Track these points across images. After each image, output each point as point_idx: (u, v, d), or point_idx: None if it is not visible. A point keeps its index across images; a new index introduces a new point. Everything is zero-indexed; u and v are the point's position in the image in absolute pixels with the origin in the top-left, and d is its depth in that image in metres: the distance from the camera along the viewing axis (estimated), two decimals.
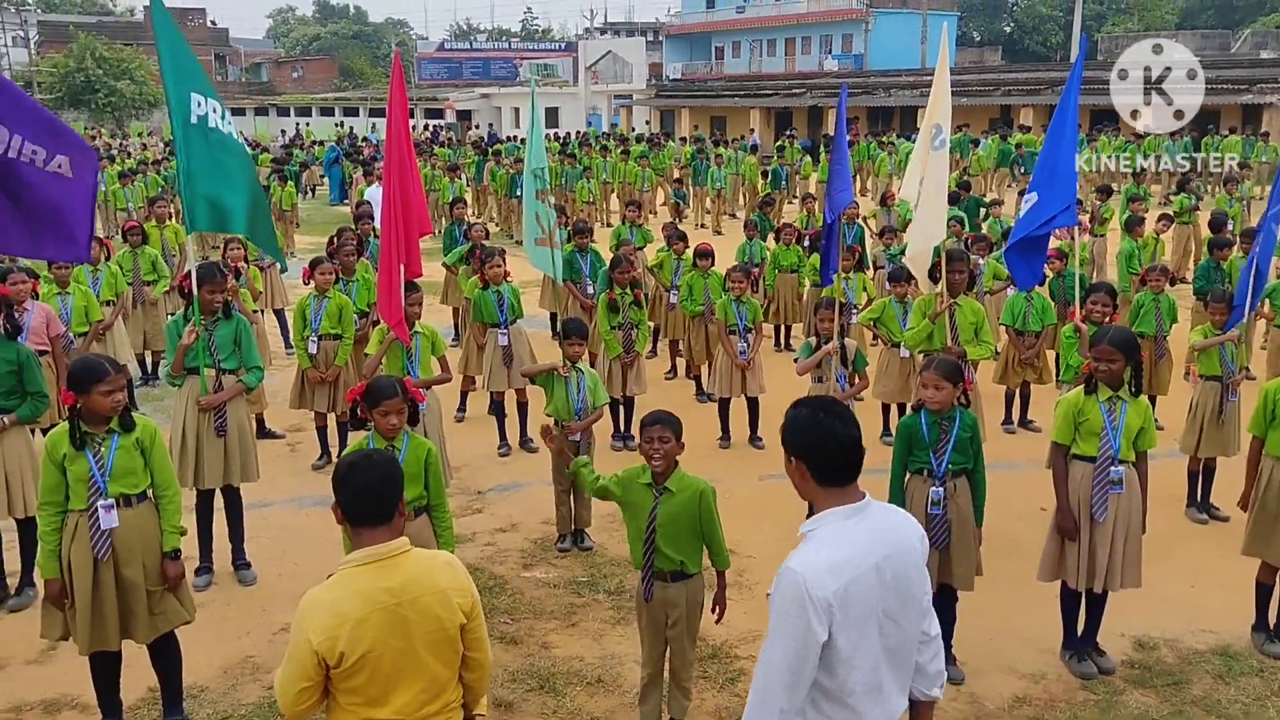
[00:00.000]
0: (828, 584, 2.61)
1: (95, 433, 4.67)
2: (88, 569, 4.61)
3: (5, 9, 52.87)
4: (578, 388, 6.86)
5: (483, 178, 25.52)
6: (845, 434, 2.78)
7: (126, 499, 4.69)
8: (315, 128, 54.94)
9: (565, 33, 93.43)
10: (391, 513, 3.08)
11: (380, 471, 3.11)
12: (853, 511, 2.78)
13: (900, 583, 2.77)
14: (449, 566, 3.14)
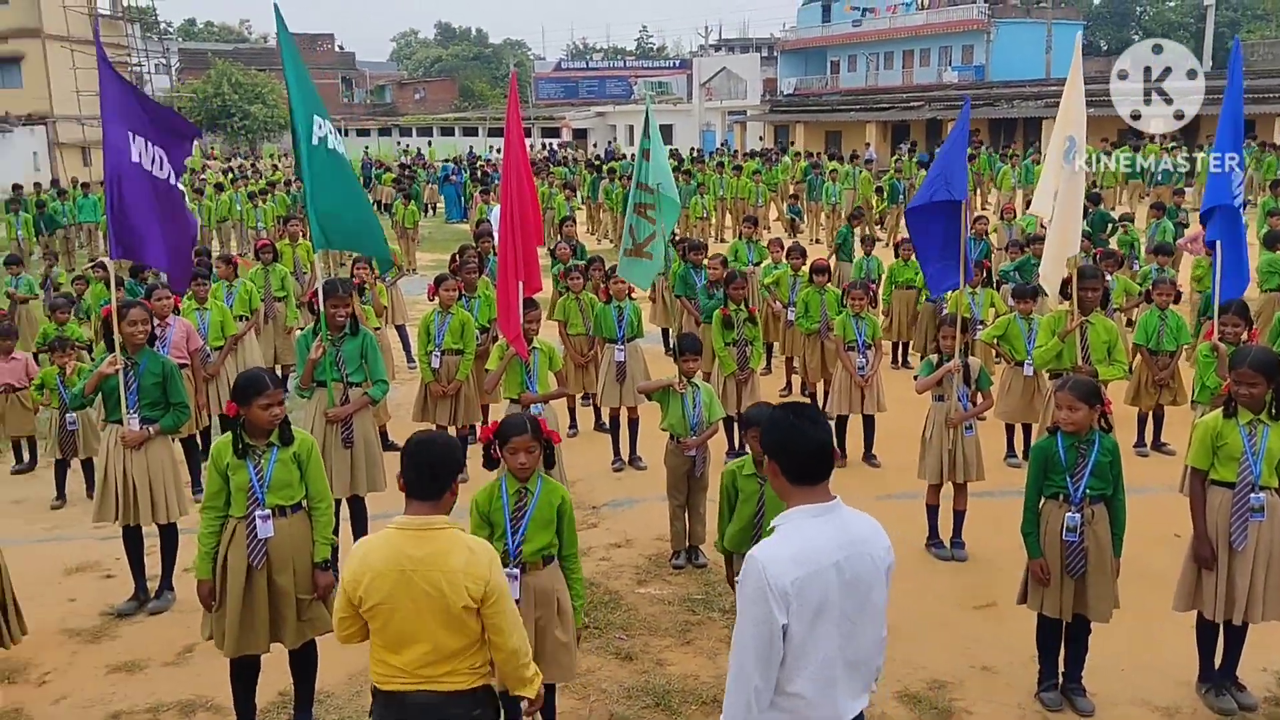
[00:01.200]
0: (787, 572, 2.79)
1: (256, 445, 4.83)
2: (241, 574, 4.77)
3: (149, 38, 55.69)
4: (693, 403, 6.85)
5: (598, 195, 25.78)
6: (814, 437, 2.96)
7: (282, 509, 4.84)
8: (436, 147, 56.36)
9: (680, 50, 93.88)
10: (440, 492, 3.43)
11: (437, 454, 3.46)
12: (820, 510, 2.94)
13: (859, 585, 2.92)
14: (471, 553, 3.36)
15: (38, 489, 8.66)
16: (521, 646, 3.49)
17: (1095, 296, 7.66)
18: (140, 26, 52.16)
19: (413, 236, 21.33)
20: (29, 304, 13.09)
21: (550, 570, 4.65)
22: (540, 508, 4.58)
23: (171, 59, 66.10)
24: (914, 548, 7.16)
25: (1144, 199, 23.77)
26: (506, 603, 3.42)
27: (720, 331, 8.76)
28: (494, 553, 3.47)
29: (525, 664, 3.52)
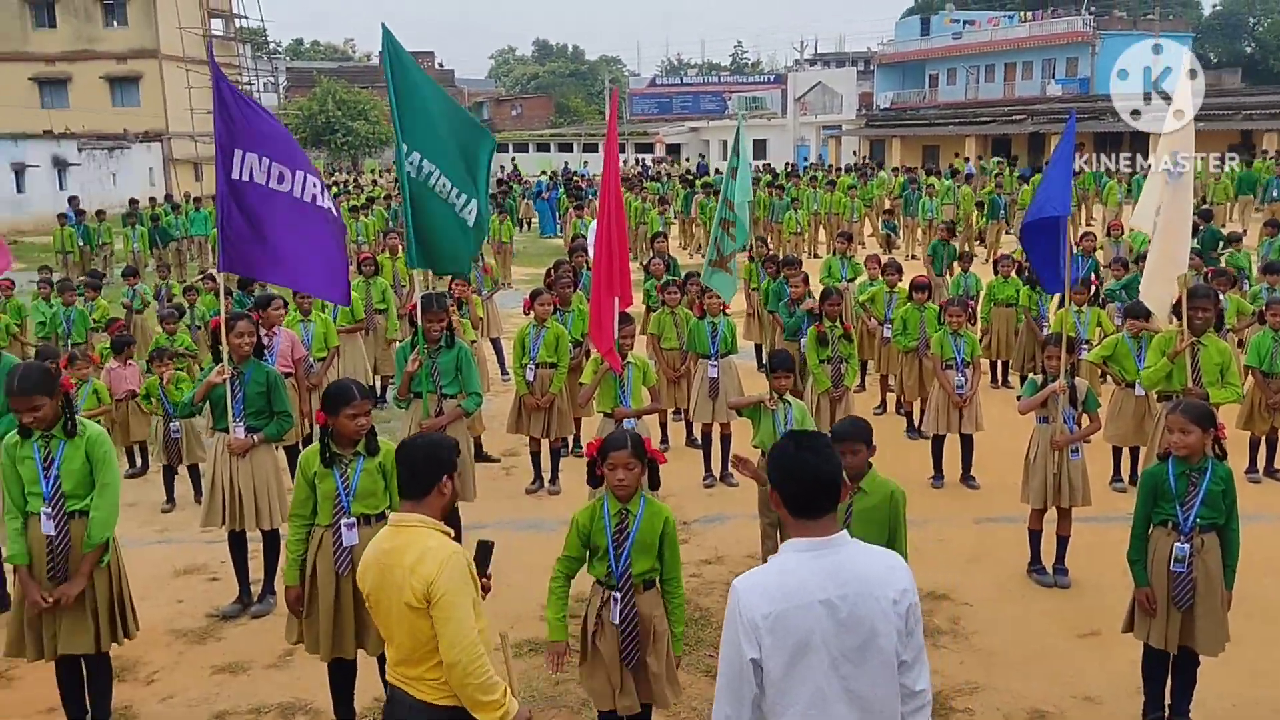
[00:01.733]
0: (758, 606, 2.71)
1: (344, 454, 4.92)
2: (330, 582, 4.89)
3: (260, 57, 57.75)
4: (785, 420, 6.79)
5: (690, 210, 25.82)
6: (819, 469, 2.85)
7: (367, 518, 4.92)
8: (520, 163, 57.12)
9: (774, 65, 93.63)
10: (421, 491, 3.48)
11: (419, 455, 3.53)
12: (814, 545, 2.82)
13: (858, 626, 2.77)
14: (425, 552, 3.36)
15: (149, 493, 8.98)
16: (465, 661, 3.32)
17: (1207, 317, 7.39)
18: (251, 46, 54.10)
19: (508, 251, 21.62)
20: (144, 314, 13.61)
21: (651, 595, 4.51)
22: (643, 530, 4.44)
23: (280, 77, 68.29)
24: (1015, 573, 6.98)
25: (1257, 214, 22.89)
26: (453, 610, 3.31)
27: (814, 348, 8.68)
28: (452, 557, 3.36)
29: (476, 684, 3.35)
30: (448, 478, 3.53)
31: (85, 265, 21.72)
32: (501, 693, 3.42)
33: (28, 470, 4.86)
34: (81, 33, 44.30)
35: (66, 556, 4.86)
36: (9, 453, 4.90)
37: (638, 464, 4.42)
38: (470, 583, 3.42)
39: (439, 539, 3.44)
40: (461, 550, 3.45)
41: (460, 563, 3.39)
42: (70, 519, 4.87)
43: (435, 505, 3.50)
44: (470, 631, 3.34)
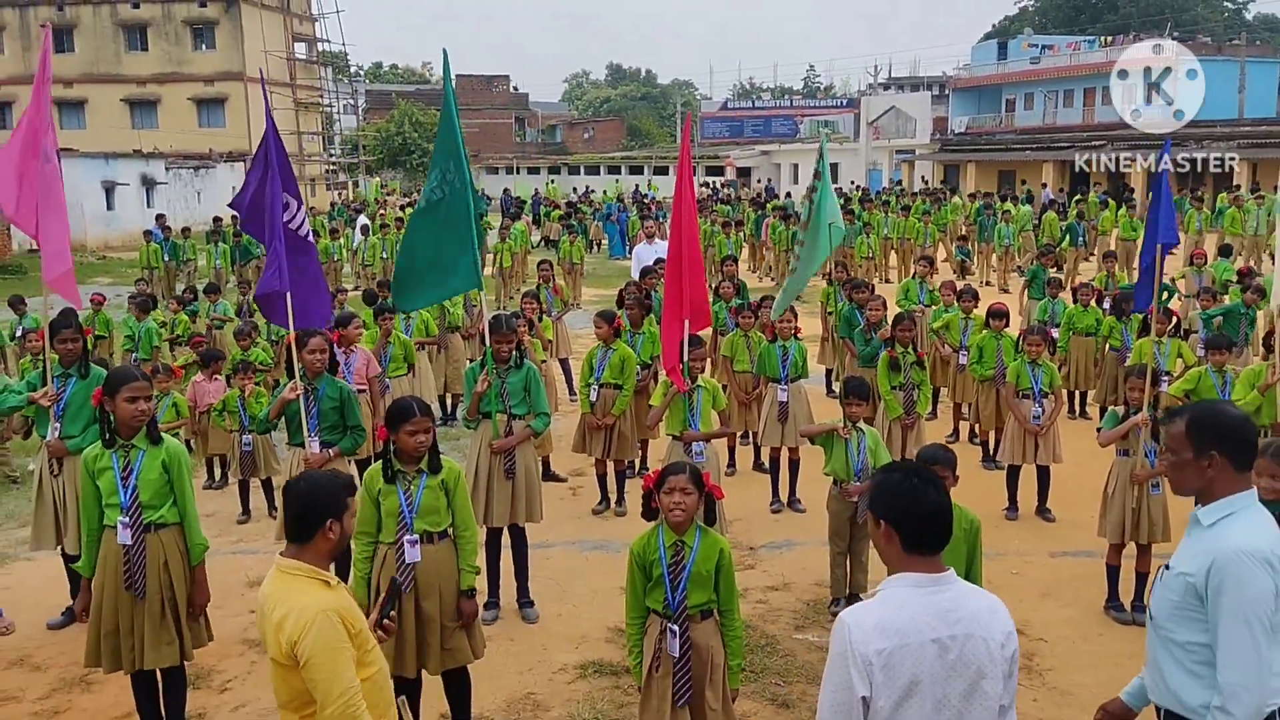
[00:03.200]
0: (872, 641, 2.62)
1: (406, 471, 4.94)
2: None
3: (340, 80, 59.12)
4: (858, 448, 6.71)
5: (761, 233, 25.73)
6: (939, 502, 2.76)
7: (429, 536, 4.93)
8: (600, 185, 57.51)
9: (847, 89, 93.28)
10: (304, 535, 3.36)
11: (301, 497, 3.39)
12: (926, 581, 2.73)
13: (965, 669, 2.68)
14: (289, 614, 3.23)
15: (227, 504, 9.17)
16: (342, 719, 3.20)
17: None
18: (333, 70, 55.37)
19: (578, 272, 21.75)
20: (224, 330, 13.94)
21: (708, 625, 4.47)
22: (699, 562, 4.40)
23: (359, 100, 69.82)
24: (1092, 609, 6.79)
25: None
26: (320, 671, 3.19)
27: (886, 374, 8.57)
28: (318, 618, 3.21)
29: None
30: (334, 521, 3.37)
31: (170, 281, 22.37)
32: None
33: (106, 482, 4.98)
34: (171, 56, 45.82)
35: (143, 567, 4.96)
36: (88, 466, 5.02)
37: (695, 491, 4.38)
38: (343, 640, 3.25)
39: (311, 595, 3.28)
40: (332, 607, 3.26)
41: (327, 622, 3.22)
42: (146, 530, 4.98)
43: (322, 549, 3.37)
44: (343, 691, 3.21)
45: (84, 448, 5.57)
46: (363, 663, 3.36)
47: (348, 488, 3.52)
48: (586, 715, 5.56)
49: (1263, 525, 3.00)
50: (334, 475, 3.55)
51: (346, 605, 3.37)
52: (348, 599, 3.42)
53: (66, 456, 6.54)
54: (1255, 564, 2.89)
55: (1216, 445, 3.03)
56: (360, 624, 3.39)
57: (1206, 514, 3.06)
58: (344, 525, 3.42)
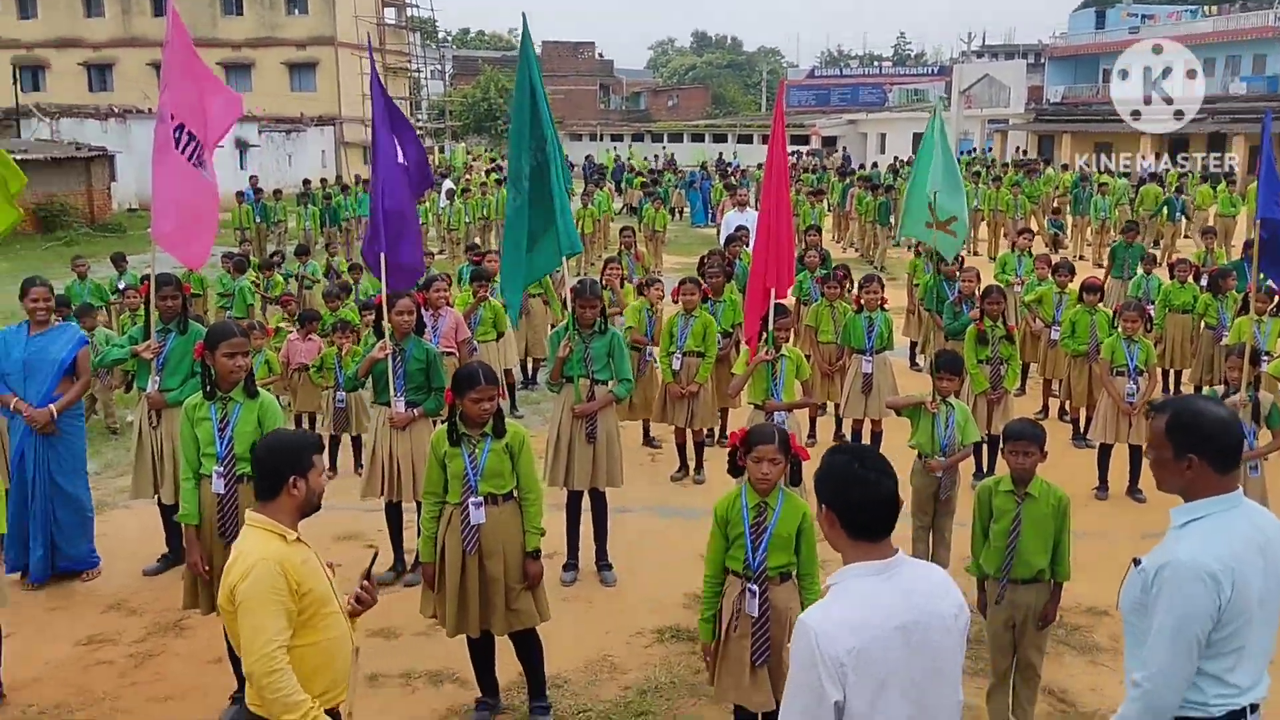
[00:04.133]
0: (841, 641, 2.50)
1: (471, 434, 4.97)
2: (458, 559, 4.96)
3: (428, 45, 59.68)
4: (946, 423, 6.59)
5: (846, 203, 25.38)
6: (883, 487, 2.67)
7: (494, 498, 4.96)
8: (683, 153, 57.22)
9: (939, 57, 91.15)
10: (268, 492, 3.43)
11: (267, 454, 3.49)
12: (881, 568, 2.64)
13: (927, 649, 2.61)
14: (238, 558, 3.33)
15: None
16: (257, 674, 3.23)
17: None
18: (421, 35, 55.82)
19: (660, 239, 21.71)
20: (313, 290, 14.22)
21: (787, 588, 4.50)
22: (781, 525, 4.43)
23: (446, 65, 70.36)
24: None
25: None
26: (247, 618, 3.24)
27: (973, 348, 8.40)
28: (259, 564, 3.26)
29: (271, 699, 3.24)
30: (297, 477, 3.41)
31: (261, 242, 22.89)
32: (302, 713, 3.25)
33: (204, 432, 5.15)
34: (265, 20, 46.60)
35: (235, 516, 5.10)
36: (189, 415, 5.22)
37: (782, 459, 4.41)
38: (279, 591, 3.25)
39: (260, 542, 3.33)
40: (276, 558, 3.28)
41: (265, 570, 3.24)
42: (239, 481, 5.12)
43: (287, 505, 3.42)
44: (264, 644, 3.21)
45: (182, 400, 5.75)
46: (311, 626, 3.36)
47: (312, 446, 3.56)
48: (663, 679, 5.59)
49: (1227, 534, 2.90)
50: (300, 434, 3.63)
51: (298, 562, 3.35)
52: (302, 557, 3.39)
53: (165, 409, 6.74)
54: (1197, 578, 2.82)
55: (1195, 449, 2.94)
56: (314, 585, 3.36)
57: (1179, 513, 3.01)
58: (309, 482, 3.45)
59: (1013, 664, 5.03)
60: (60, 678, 5.66)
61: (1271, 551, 2.93)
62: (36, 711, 5.30)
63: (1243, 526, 2.94)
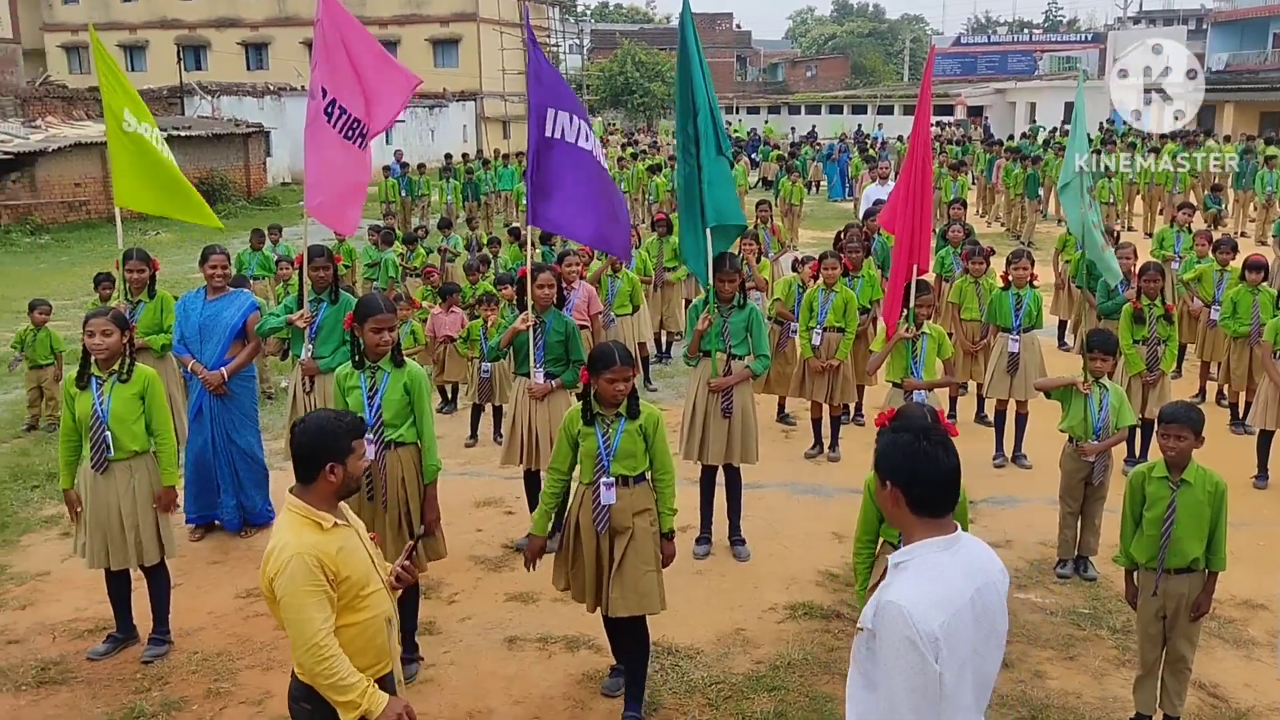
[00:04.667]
0: (933, 617, 2.52)
1: (605, 414, 4.91)
2: (591, 537, 4.93)
3: (567, 19, 60.18)
4: (1099, 405, 6.34)
5: (992, 176, 24.57)
6: (947, 463, 2.69)
7: (625, 479, 4.91)
8: (822, 125, 56.30)
9: (1093, 23, 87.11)
10: (306, 477, 3.46)
11: (306, 440, 3.48)
12: (948, 543, 2.68)
13: (987, 617, 2.67)
14: (274, 550, 3.38)
15: (455, 428, 9.66)
16: (308, 664, 3.34)
17: None
18: (559, 9, 56.32)
19: (796, 213, 21.44)
20: (454, 263, 14.58)
21: None
22: None
23: (584, 40, 70.84)
24: None
25: None
26: (290, 613, 3.32)
27: (1129, 327, 8.05)
28: (293, 560, 3.31)
29: (325, 684, 3.36)
30: (335, 464, 3.44)
31: (406, 215, 23.56)
32: (359, 693, 3.38)
33: (354, 399, 5.33)
34: None
35: (384, 481, 5.29)
36: (340, 384, 5.41)
37: None
38: (316, 582, 3.33)
39: (297, 535, 3.39)
40: (311, 550, 3.34)
41: (300, 565, 3.31)
42: (387, 447, 5.29)
43: (323, 490, 3.46)
44: (310, 635, 3.32)
45: (334, 367, 5.98)
46: (353, 608, 3.45)
47: (352, 431, 3.56)
48: (795, 656, 5.58)
49: None
50: (340, 418, 3.61)
51: (333, 551, 3.40)
52: (339, 544, 3.44)
53: (317, 375, 7.04)
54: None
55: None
56: (351, 571, 3.43)
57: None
58: (347, 467, 3.48)
59: (1162, 656, 4.87)
60: (222, 627, 5.99)
61: None
62: (201, 658, 5.63)
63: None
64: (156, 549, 5.58)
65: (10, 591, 6.48)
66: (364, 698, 3.40)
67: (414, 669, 5.42)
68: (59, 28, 51.03)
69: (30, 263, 20.70)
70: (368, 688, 3.43)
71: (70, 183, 25.35)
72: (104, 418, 5.42)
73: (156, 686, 5.36)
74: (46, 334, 9.77)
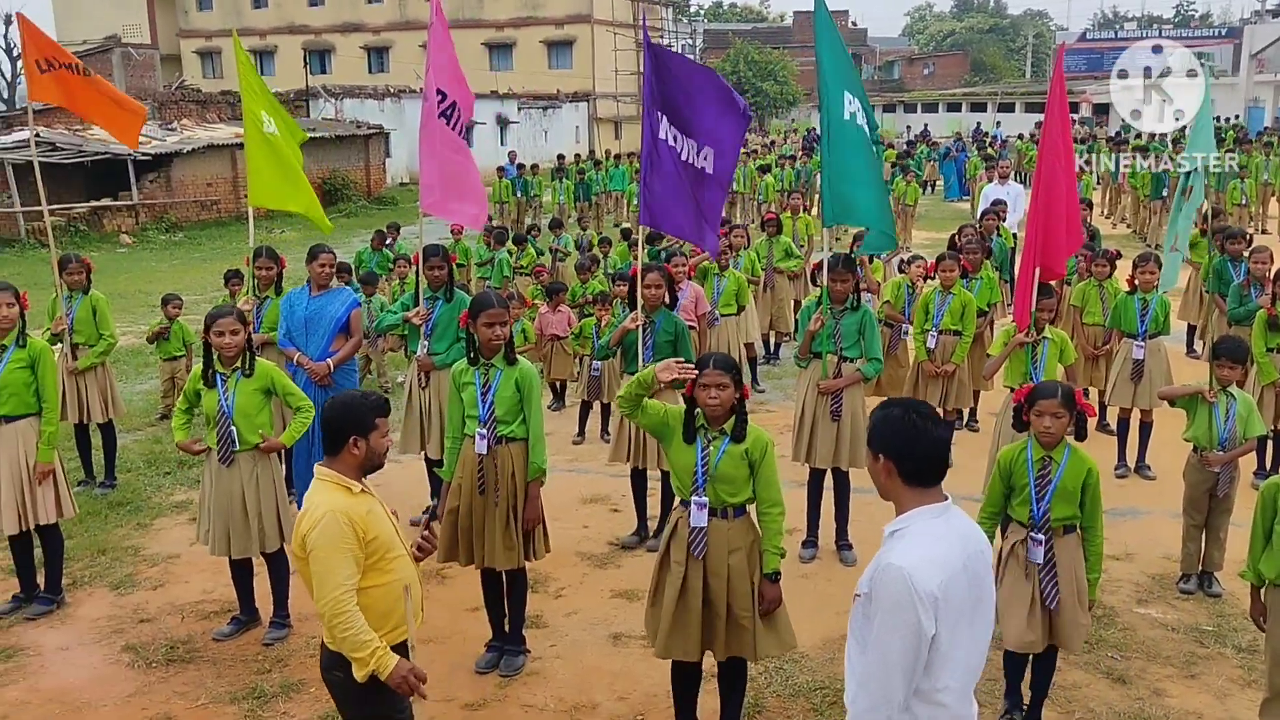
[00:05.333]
0: (933, 577, 2.67)
1: (710, 429, 4.49)
2: (680, 566, 4.54)
3: (680, 20, 60.26)
4: (1226, 415, 6.08)
5: (1118, 175, 23.74)
6: (937, 435, 2.84)
7: (725, 509, 4.47)
8: (939, 124, 55.15)
9: (1228, 17, 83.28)
10: (333, 448, 3.68)
11: (335, 413, 3.71)
12: (940, 511, 2.83)
13: (978, 582, 2.82)
14: (308, 509, 3.61)
15: (564, 425, 9.77)
16: (328, 615, 3.53)
17: None
18: (673, 10, 56.44)
19: (910, 214, 21.07)
20: (565, 262, 14.75)
21: (1070, 540, 4.70)
22: (1066, 478, 4.63)
23: (697, 39, 70.81)
24: None
25: None
26: (317, 565, 3.52)
27: (1262, 334, 7.69)
28: (328, 515, 3.52)
29: (341, 638, 3.54)
30: (358, 437, 3.66)
31: (520, 215, 23.94)
32: (369, 651, 3.55)
33: (469, 395, 5.42)
34: (526, 0, 48.44)
35: (495, 474, 5.36)
36: (455, 379, 5.51)
37: (1066, 414, 4.59)
38: (346, 540, 3.53)
39: (330, 497, 3.60)
40: (343, 509, 3.56)
41: (333, 521, 3.52)
42: (499, 442, 5.36)
43: (349, 462, 3.69)
44: (333, 588, 3.51)
45: (449, 363, 6.12)
46: (378, 569, 3.65)
47: (377, 409, 3.77)
48: None
49: None
50: (366, 397, 3.82)
51: (363, 512, 3.63)
52: (367, 507, 3.67)
53: (433, 370, 7.21)
54: None
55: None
56: (379, 532, 3.65)
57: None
58: (370, 443, 3.71)
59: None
60: None
61: None
62: (318, 643, 5.79)
63: None
64: (277, 536, 5.80)
65: (143, 572, 6.81)
66: (373, 657, 3.57)
67: (520, 661, 5.51)
68: (194, 34, 53.37)
69: (165, 259, 21.72)
70: (378, 648, 3.58)
71: (203, 183, 26.48)
72: (229, 413, 5.66)
73: (277, 668, 5.57)
74: (179, 327, 10.23)
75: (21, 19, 8.21)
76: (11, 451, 6.03)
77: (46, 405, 6.12)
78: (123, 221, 24.45)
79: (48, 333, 8.09)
